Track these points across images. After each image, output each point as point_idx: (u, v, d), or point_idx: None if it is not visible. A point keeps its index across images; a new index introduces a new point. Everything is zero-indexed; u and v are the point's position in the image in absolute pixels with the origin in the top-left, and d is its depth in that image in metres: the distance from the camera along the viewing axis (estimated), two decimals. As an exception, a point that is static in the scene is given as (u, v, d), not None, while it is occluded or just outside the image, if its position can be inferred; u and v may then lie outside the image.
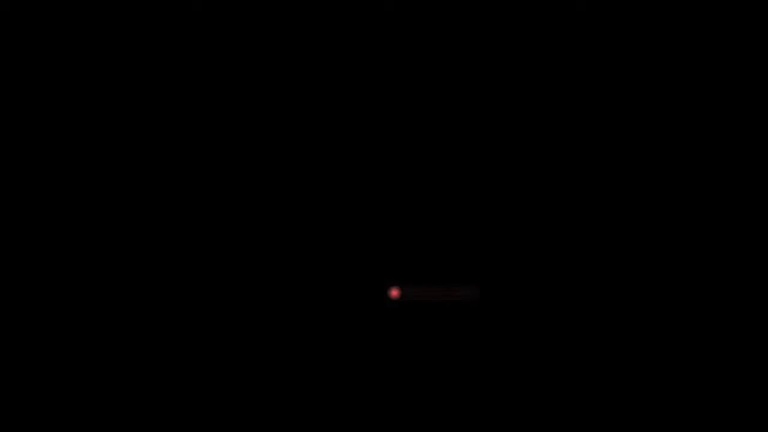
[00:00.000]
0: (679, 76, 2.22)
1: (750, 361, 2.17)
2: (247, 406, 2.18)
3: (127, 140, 2.20)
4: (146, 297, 2.18)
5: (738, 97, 2.21)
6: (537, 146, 2.22)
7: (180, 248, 2.19)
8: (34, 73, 2.19)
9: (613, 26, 2.22)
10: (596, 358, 2.19)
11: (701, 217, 2.20)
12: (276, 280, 2.20)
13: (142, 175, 2.20)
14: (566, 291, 2.21)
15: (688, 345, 2.19)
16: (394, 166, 2.22)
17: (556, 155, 2.22)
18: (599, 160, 2.22)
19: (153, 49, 2.20)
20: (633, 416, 2.17)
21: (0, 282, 2.17)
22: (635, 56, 2.22)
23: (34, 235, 2.18)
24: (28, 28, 2.19)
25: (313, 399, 2.19)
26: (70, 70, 2.20)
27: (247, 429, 2.17)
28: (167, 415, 2.17)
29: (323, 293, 2.20)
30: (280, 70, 2.21)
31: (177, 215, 2.20)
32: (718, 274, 2.19)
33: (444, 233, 2.22)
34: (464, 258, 2.22)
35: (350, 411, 2.19)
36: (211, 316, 2.19)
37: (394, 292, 2.20)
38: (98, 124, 2.20)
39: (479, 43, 2.22)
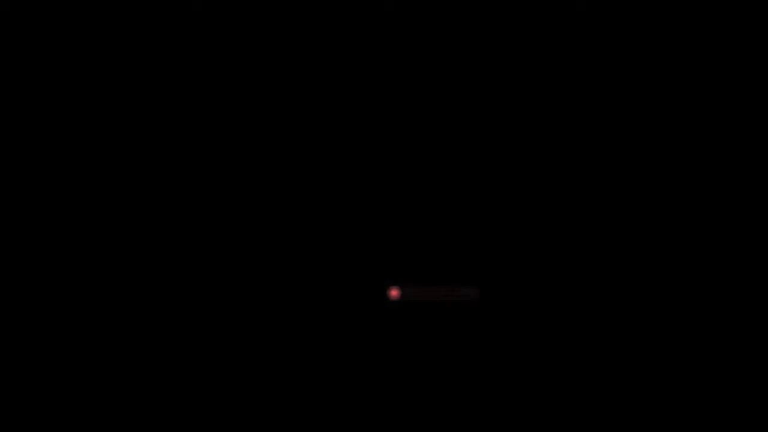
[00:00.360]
0: (679, 76, 2.22)
1: (750, 361, 2.17)
2: (247, 406, 2.18)
3: (127, 140, 2.20)
4: (146, 297, 2.18)
5: (738, 98, 2.21)
6: (537, 147, 2.22)
7: (180, 249, 2.19)
8: (34, 73, 2.19)
9: (613, 26, 2.22)
10: (596, 358, 2.19)
11: (701, 217, 2.20)
12: (278, 281, 2.20)
13: (142, 175, 2.20)
14: (566, 291, 2.21)
15: (688, 345, 2.19)
16: (395, 167, 2.22)
17: (556, 156, 2.22)
18: (599, 160, 2.22)
19: (153, 49, 2.20)
20: (633, 416, 2.17)
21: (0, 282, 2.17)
22: (635, 56, 2.22)
23: (34, 235, 2.18)
24: (28, 28, 2.19)
25: (313, 399, 2.18)
26: (70, 70, 2.19)
27: (247, 429, 2.17)
28: (167, 415, 2.16)
29: (324, 293, 2.20)
30: (280, 70, 2.21)
31: (177, 216, 2.20)
32: (718, 274, 2.19)
33: (444, 234, 2.22)
34: (464, 259, 2.21)
35: (350, 411, 2.19)
36: (211, 316, 2.19)
37: (394, 293, 2.20)
38: (98, 124, 2.20)
39: (479, 43, 2.22)
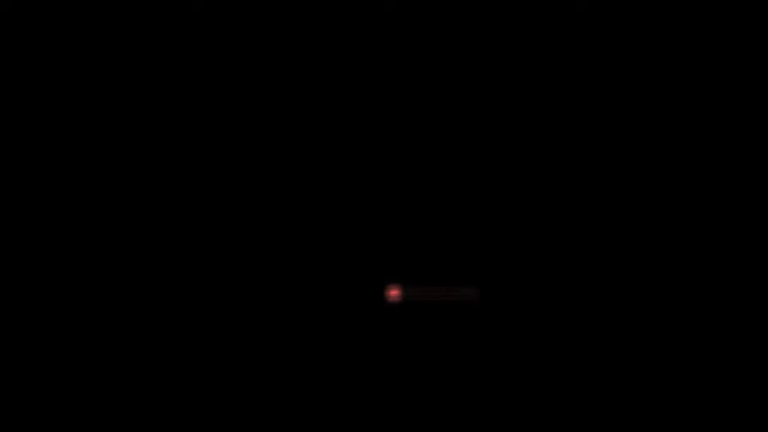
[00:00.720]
0: (678, 77, 2.22)
1: (750, 361, 2.17)
2: (245, 407, 2.17)
3: (127, 140, 2.20)
4: (143, 296, 2.18)
5: (738, 98, 2.21)
6: (536, 148, 2.22)
7: (178, 248, 2.19)
8: (34, 73, 2.19)
9: (613, 26, 2.21)
10: (596, 357, 2.19)
11: (701, 218, 2.20)
12: (277, 281, 2.19)
13: (142, 175, 2.20)
14: (566, 291, 2.20)
15: (688, 345, 2.18)
16: (394, 167, 2.22)
17: (555, 157, 2.22)
18: (598, 161, 2.22)
19: (153, 49, 2.19)
20: (633, 416, 2.17)
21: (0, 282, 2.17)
22: (635, 56, 2.21)
23: (34, 235, 2.18)
24: (28, 28, 2.18)
25: (311, 399, 2.18)
26: (70, 70, 2.19)
27: (245, 430, 2.16)
28: (163, 415, 2.16)
29: (323, 293, 2.20)
30: (280, 70, 2.21)
31: (175, 215, 2.19)
32: (718, 275, 2.19)
33: (444, 234, 2.21)
34: (464, 259, 2.21)
35: (349, 412, 2.18)
36: (207, 316, 2.18)
37: (394, 292, 2.19)
38: (98, 124, 2.19)
39: (479, 43, 2.22)
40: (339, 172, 2.21)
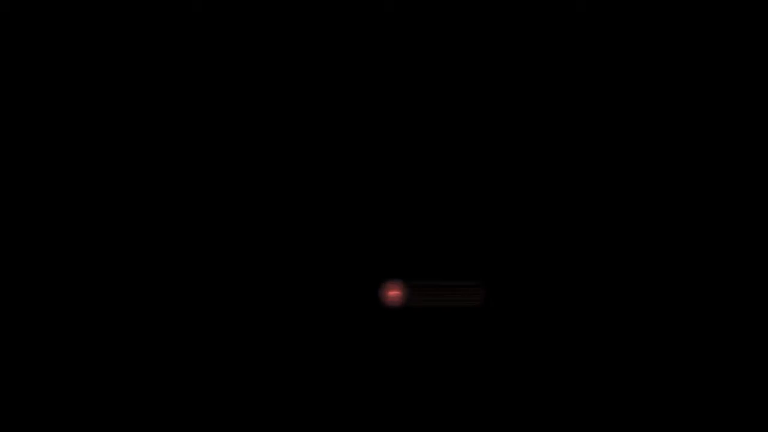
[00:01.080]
0: (678, 77, 2.22)
1: (750, 361, 2.13)
2: (238, 410, 2.13)
3: (127, 140, 2.20)
4: (138, 295, 2.15)
5: (738, 98, 2.21)
6: (540, 146, 2.21)
7: (174, 247, 2.17)
8: (34, 73, 2.21)
9: (613, 26, 2.23)
10: (601, 361, 2.15)
11: (702, 218, 2.18)
12: (276, 281, 2.17)
13: (140, 174, 2.19)
14: (573, 294, 2.17)
15: (690, 346, 2.14)
16: (396, 166, 2.21)
17: (559, 157, 2.21)
18: (603, 160, 2.21)
19: (153, 49, 2.22)
20: (635, 417, 2.13)
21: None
22: (635, 56, 2.23)
23: (34, 235, 2.17)
24: (28, 28, 2.21)
25: (308, 402, 2.13)
26: (70, 70, 2.21)
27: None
28: (158, 415, 2.12)
29: (324, 294, 2.16)
30: (279, 69, 2.23)
31: (172, 214, 2.18)
32: (719, 275, 2.16)
33: (449, 235, 2.19)
34: (469, 259, 2.18)
35: (351, 413, 2.12)
36: (198, 315, 2.15)
37: (393, 293, 2.16)
38: (98, 124, 2.21)
39: (481, 41, 2.24)
40: (336, 170, 2.20)
